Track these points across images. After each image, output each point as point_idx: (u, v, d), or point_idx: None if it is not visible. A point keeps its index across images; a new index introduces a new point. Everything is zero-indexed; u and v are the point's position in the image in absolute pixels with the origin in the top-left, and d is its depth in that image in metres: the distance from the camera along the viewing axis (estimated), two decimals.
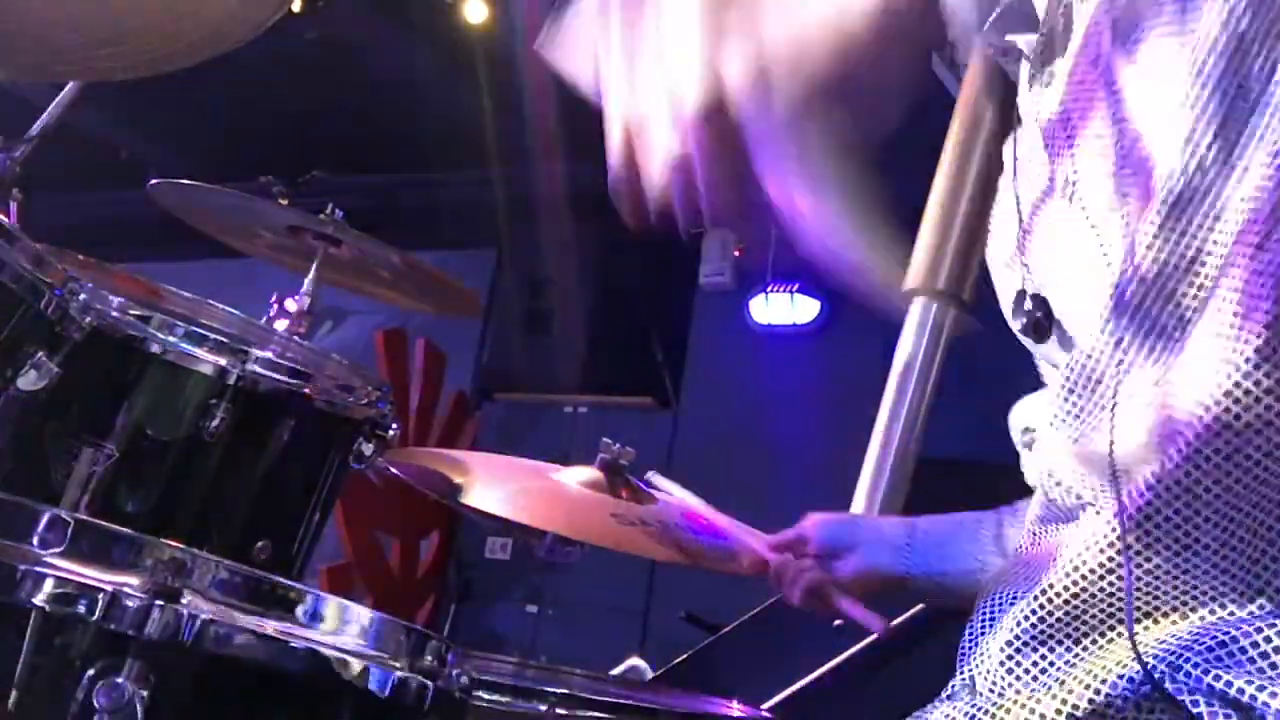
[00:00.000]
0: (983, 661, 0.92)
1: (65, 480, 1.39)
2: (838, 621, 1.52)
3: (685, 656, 2.43)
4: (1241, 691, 0.78)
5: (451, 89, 4.67)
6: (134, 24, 1.50)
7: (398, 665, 0.80)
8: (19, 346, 1.27)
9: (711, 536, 1.64)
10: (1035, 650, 0.88)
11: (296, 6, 4.16)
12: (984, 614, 0.96)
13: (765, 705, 2.08)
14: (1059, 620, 0.88)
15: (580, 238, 4.99)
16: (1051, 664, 0.87)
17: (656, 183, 0.90)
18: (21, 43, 1.50)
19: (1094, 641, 0.87)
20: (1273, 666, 0.79)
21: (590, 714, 1.14)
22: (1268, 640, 0.80)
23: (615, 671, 2.41)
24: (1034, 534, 1.01)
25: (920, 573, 1.44)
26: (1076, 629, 0.88)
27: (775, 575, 1.51)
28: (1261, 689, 0.77)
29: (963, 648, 0.96)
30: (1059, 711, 0.83)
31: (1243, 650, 0.80)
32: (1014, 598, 0.93)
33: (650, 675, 2.39)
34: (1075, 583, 0.88)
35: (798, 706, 2.14)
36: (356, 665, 0.78)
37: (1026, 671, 0.88)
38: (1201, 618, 0.83)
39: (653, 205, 0.91)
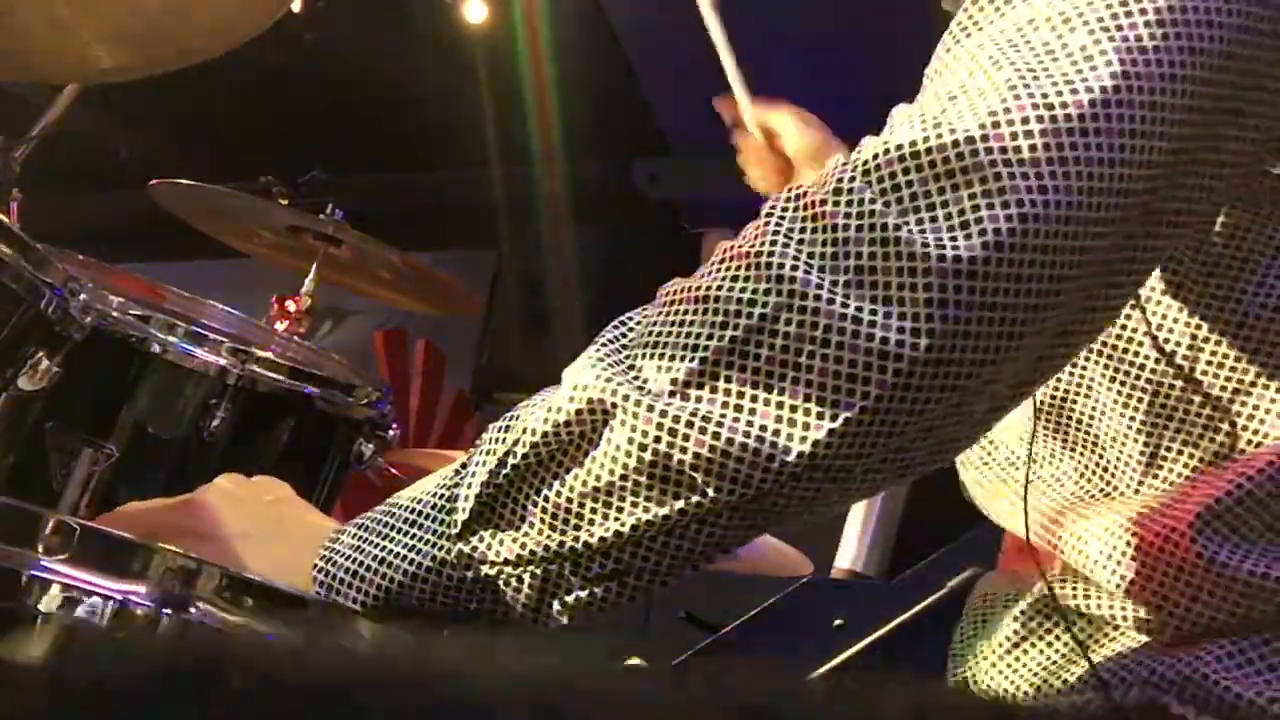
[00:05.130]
0: (978, 662, 0.92)
1: (65, 480, 1.39)
2: (837, 621, 1.51)
3: (685, 656, 2.42)
4: (1233, 691, 0.78)
5: (451, 89, 4.67)
6: (134, 24, 1.50)
7: None
8: (19, 346, 1.27)
9: None
10: (1035, 646, 0.89)
11: (296, 6, 4.16)
12: (976, 617, 0.96)
13: None
14: (1046, 620, 0.89)
15: (580, 238, 4.98)
16: (1050, 660, 0.88)
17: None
18: (22, 44, 1.50)
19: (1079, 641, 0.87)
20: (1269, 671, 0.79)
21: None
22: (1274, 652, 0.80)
23: None
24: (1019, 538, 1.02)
25: None
26: (1061, 633, 0.88)
27: (741, 146, 1.52)
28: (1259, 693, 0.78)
29: (953, 649, 0.96)
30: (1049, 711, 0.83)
31: (1249, 659, 0.81)
32: (1007, 600, 0.93)
33: None
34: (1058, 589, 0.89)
35: None
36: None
37: (1026, 666, 0.88)
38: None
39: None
